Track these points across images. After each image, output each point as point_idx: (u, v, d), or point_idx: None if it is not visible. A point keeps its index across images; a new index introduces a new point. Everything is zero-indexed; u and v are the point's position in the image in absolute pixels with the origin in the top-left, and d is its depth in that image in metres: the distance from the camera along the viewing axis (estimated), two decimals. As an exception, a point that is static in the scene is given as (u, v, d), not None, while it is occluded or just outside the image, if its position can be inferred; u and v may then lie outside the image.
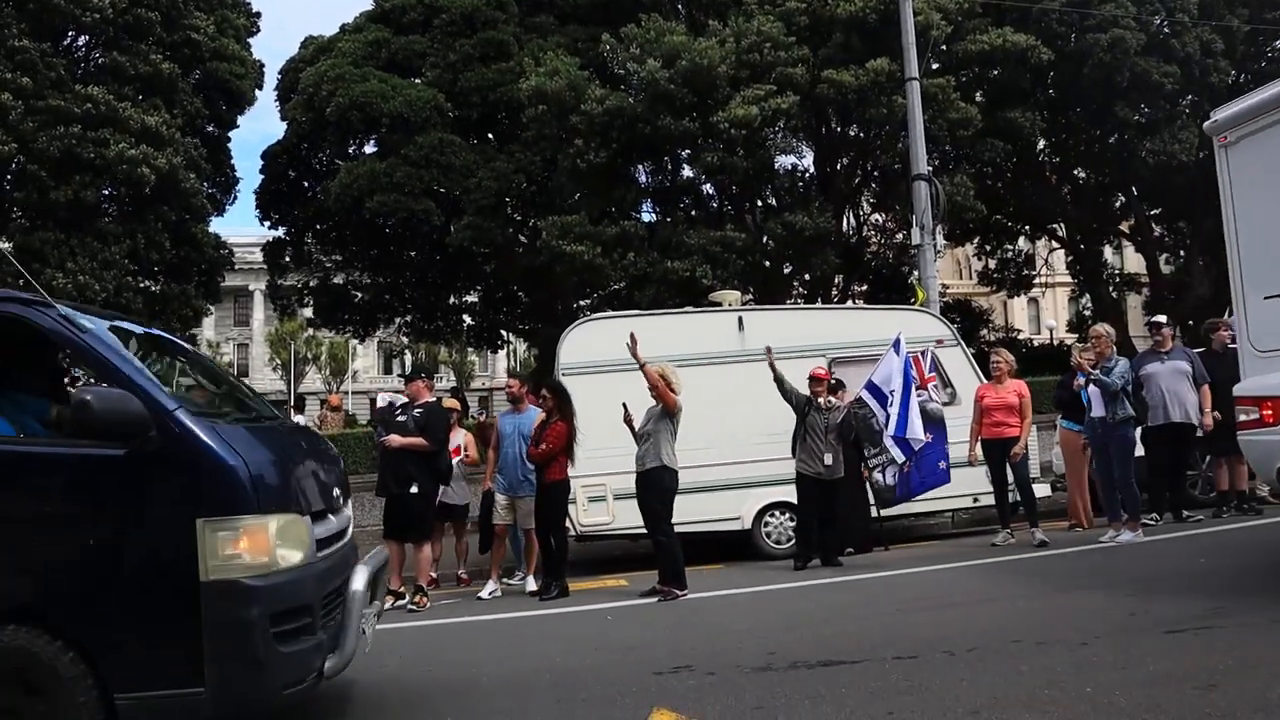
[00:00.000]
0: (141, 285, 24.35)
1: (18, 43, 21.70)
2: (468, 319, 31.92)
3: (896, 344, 11.08)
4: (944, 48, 21.12)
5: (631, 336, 9.44)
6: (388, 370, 66.30)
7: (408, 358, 51.67)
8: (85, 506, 4.35)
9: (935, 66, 20.70)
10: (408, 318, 31.07)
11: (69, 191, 21.88)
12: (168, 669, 4.25)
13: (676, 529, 9.44)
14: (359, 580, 5.03)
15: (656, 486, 9.34)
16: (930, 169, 17.82)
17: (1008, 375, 11.01)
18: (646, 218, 23.75)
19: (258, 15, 28.94)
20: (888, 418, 10.86)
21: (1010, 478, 10.88)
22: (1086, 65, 22.34)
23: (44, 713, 4.19)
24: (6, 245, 23.19)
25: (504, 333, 33.75)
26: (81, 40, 24.51)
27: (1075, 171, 28.54)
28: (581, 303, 26.05)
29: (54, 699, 4.17)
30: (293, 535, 4.54)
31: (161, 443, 4.31)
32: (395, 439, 9.83)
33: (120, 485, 4.34)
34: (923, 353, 11.60)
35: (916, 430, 10.76)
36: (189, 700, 4.23)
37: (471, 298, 31.11)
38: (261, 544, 4.36)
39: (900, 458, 10.93)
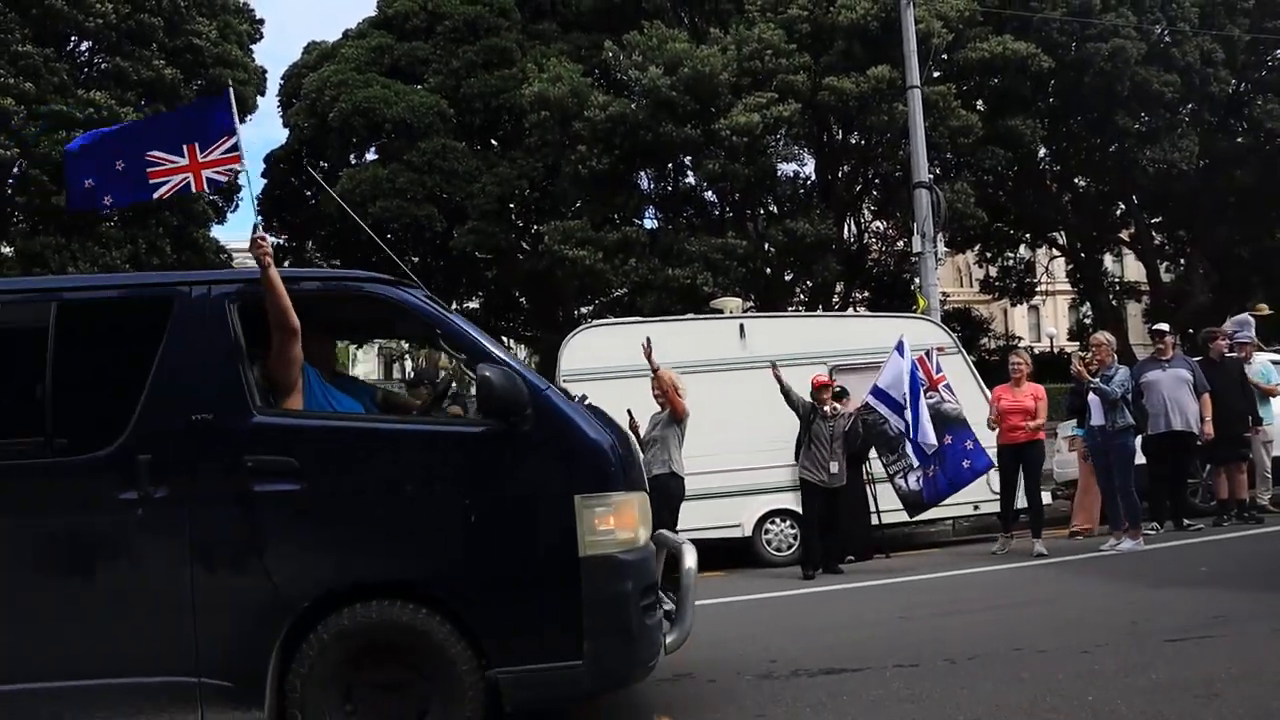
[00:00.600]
0: (143, 290, 24.35)
1: (21, 48, 21.73)
2: (469, 325, 31.96)
3: (900, 347, 11.02)
4: (945, 56, 21.16)
5: (648, 341, 9.44)
6: (389, 375, 66.27)
7: (408, 363, 51.65)
8: (467, 483, 4.40)
9: (936, 74, 20.74)
10: (408, 323, 31.08)
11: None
12: (547, 643, 4.32)
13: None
14: (690, 558, 5.10)
15: (664, 493, 9.30)
16: (931, 176, 17.84)
17: (1026, 378, 10.84)
18: (648, 224, 23.81)
19: (261, 22, 28.97)
20: (906, 424, 10.76)
21: (1021, 485, 10.75)
22: (1087, 74, 22.38)
23: (427, 687, 4.28)
24: (8, 249, 23.28)
25: (505, 339, 33.75)
26: (84, 45, 24.55)
27: (1076, 179, 28.58)
28: (583, 309, 26.08)
29: (437, 673, 4.26)
30: (643, 513, 4.63)
31: (536, 421, 4.38)
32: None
33: (501, 462, 4.42)
34: (927, 353, 11.50)
35: (927, 435, 10.66)
36: (567, 673, 4.30)
37: (473, 304, 31.11)
38: (629, 520, 4.45)
39: (916, 462, 10.82)
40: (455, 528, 4.35)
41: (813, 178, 25.55)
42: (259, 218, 5.12)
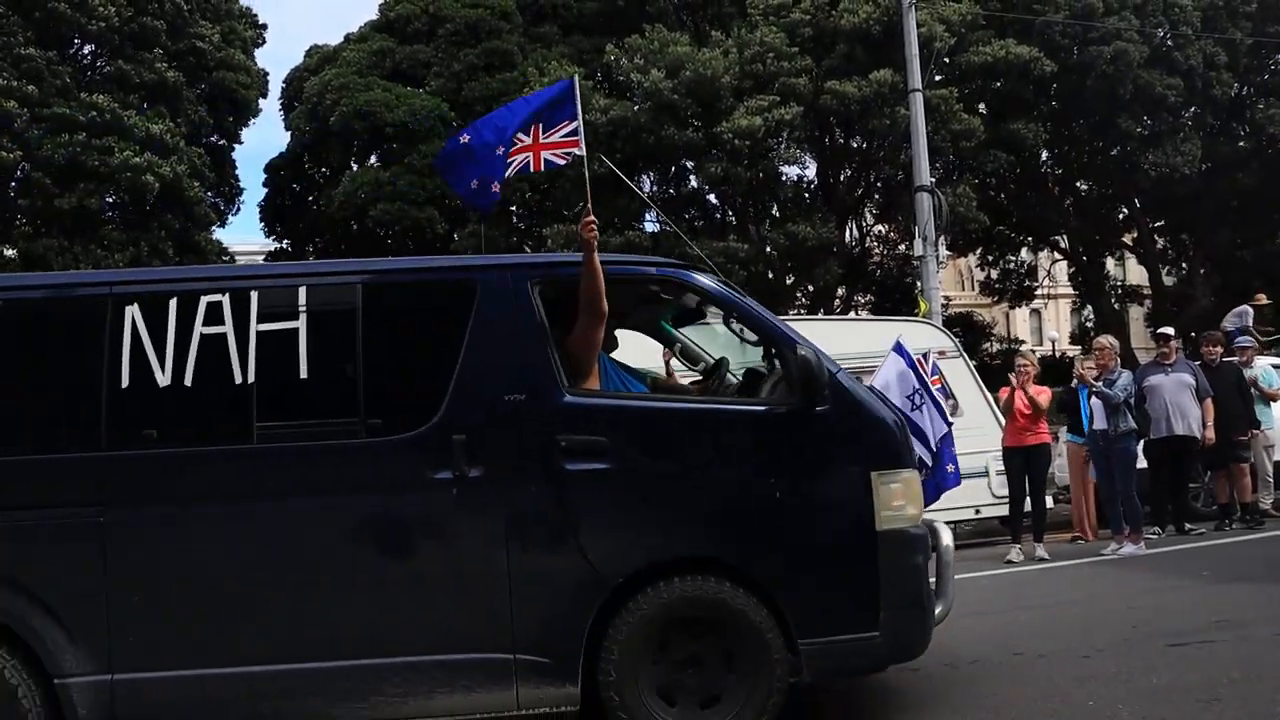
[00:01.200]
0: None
1: (24, 50, 21.76)
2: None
3: (898, 348, 10.94)
4: (947, 59, 21.14)
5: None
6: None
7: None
8: (771, 461, 4.54)
9: (938, 78, 20.71)
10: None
11: (73, 199, 21.92)
12: (848, 616, 4.46)
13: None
14: (947, 536, 5.27)
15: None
16: (933, 180, 17.82)
17: (1033, 380, 10.45)
18: (650, 228, 23.78)
19: (264, 26, 29.00)
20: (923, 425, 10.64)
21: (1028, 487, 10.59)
22: (1089, 77, 22.37)
23: (735, 661, 4.40)
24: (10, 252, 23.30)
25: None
26: (87, 49, 24.56)
27: (1078, 183, 28.56)
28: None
29: (745, 646, 4.38)
30: (920, 490, 4.84)
31: (832, 400, 4.51)
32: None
33: (802, 440, 4.56)
34: (924, 355, 11.42)
35: (940, 432, 10.59)
36: (865, 645, 4.45)
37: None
38: (915, 495, 4.65)
39: (928, 460, 10.71)
40: (760, 504, 4.49)
41: (814, 181, 25.56)
42: (587, 201, 5.22)
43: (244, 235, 42.56)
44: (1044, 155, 25.93)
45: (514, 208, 25.25)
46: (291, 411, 4.54)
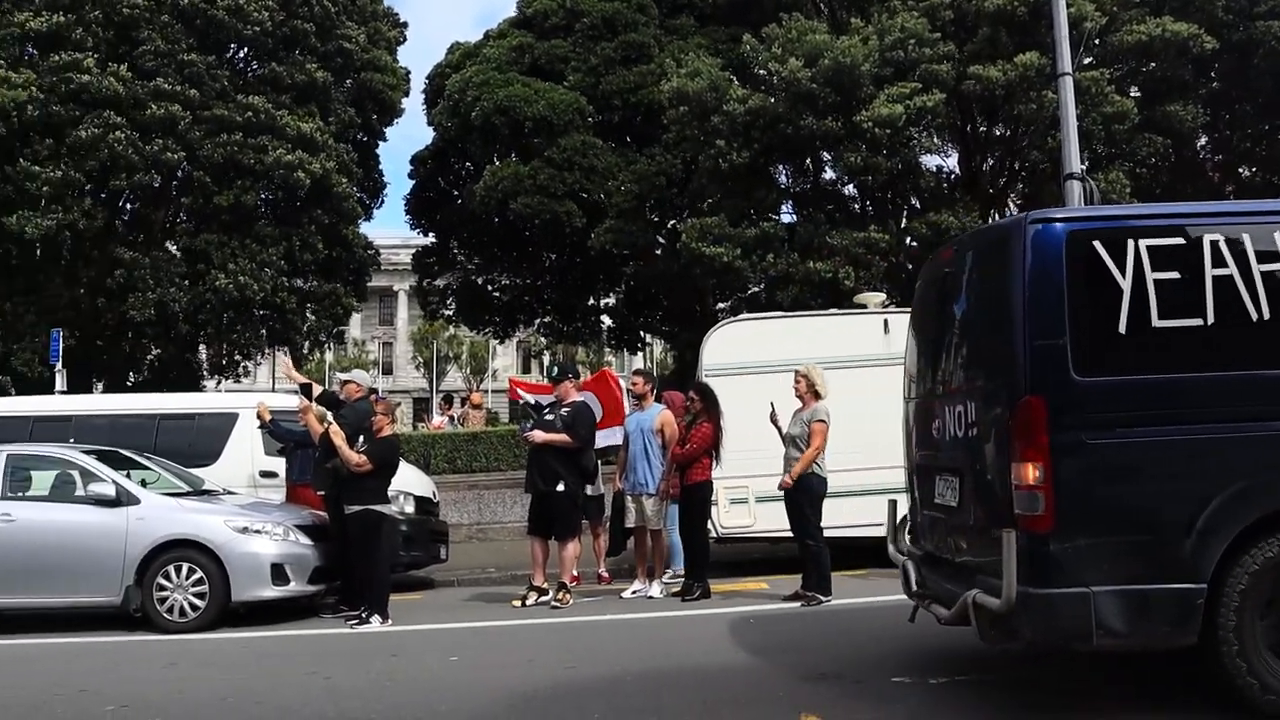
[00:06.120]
0: (295, 284, 25.37)
1: (186, 56, 22.89)
2: (607, 320, 32.14)
3: None
4: (1097, 41, 20.33)
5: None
6: (526, 369, 67.57)
7: (547, 357, 52.56)
8: None
9: (1088, 60, 19.93)
10: (546, 319, 31.50)
11: (230, 196, 22.98)
12: None
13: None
14: None
15: (806, 491, 9.30)
16: (1083, 167, 17.15)
17: None
18: (786, 219, 23.59)
19: (404, 25, 29.83)
20: None
21: None
22: (1255, 55, 21.23)
23: None
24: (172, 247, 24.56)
25: (643, 334, 33.93)
26: (242, 52, 25.69)
27: (1240, 169, 27.14)
28: (720, 305, 25.99)
29: None
30: None
31: None
32: (539, 434, 10.00)
33: None
34: None
35: None
36: None
37: (611, 300, 31.35)
38: None
39: None
40: None
41: (956, 171, 24.93)
42: None
43: (387, 228, 43.85)
44: (1203, 140, 24.71)
45: (649, 202, 25.32)
46: None
